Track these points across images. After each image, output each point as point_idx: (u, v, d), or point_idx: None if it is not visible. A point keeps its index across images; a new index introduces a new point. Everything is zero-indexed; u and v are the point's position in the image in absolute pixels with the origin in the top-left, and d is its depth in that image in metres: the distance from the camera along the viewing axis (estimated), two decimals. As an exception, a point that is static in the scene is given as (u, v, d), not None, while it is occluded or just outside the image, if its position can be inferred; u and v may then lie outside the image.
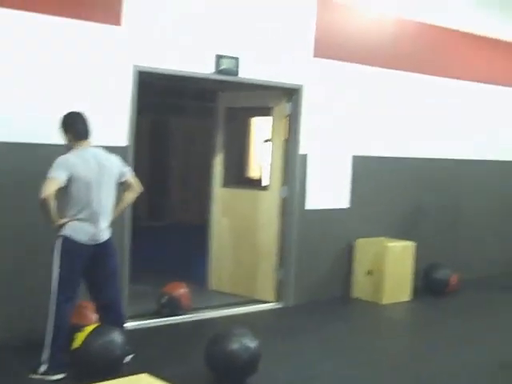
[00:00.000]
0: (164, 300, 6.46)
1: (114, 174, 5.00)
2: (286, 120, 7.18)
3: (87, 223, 4.82)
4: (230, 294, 7.41)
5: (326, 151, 7.40)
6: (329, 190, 7.47)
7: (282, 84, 6.97)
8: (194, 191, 12.25)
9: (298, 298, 7.23)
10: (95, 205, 4.83)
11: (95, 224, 4.85)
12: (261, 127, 7.93)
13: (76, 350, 4.67)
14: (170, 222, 12.77)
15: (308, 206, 7.27)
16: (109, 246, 5.04)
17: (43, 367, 4.71)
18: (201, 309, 6.76)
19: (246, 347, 4.75)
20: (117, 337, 4.76)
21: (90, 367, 4.60)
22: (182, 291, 6.54)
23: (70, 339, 4.71)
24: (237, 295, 7.34)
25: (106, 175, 4.92)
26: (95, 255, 4.93)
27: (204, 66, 6.36)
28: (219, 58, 6.41)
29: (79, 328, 4.81)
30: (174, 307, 6.45)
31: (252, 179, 8.04)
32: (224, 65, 6.45)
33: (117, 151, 5.26)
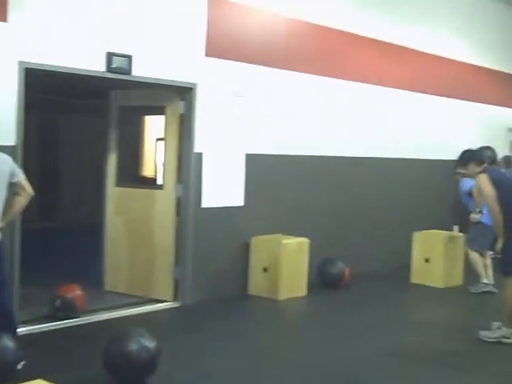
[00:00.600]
0: (57, 303, 6.29)
1: (5, 172, 4.83)
2: (180, 119, 7.16)
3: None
4: (126, 294, 7.30)
5: (221, 150, 7.42)
6: (224, 188, 7.49)
7: (174, 83, 6.93)
8: (87, 191, 12.00)
9: (196, 297, 7.22)
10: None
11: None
12: (155, 126, 7.86)
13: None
14: (62, 223, 12.46)
15: (204, 205, 7.27)
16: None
17: None
18: (97, 310, 6.64)
19: (144, 348, 4.70)
20: (8, 343, 4.63)
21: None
22: (75, 293, 6.39)
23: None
24: (133, 295, 7.25)
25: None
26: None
27: (95, 63, 6.23)
28: (111, 55, 6.31)
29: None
30: (68, 310, 6.30)
31: (147, 178, 7.96)
32: (116, 63, 6.35)
33: (4, 151, 5.08)
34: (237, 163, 7.59)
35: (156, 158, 7.96)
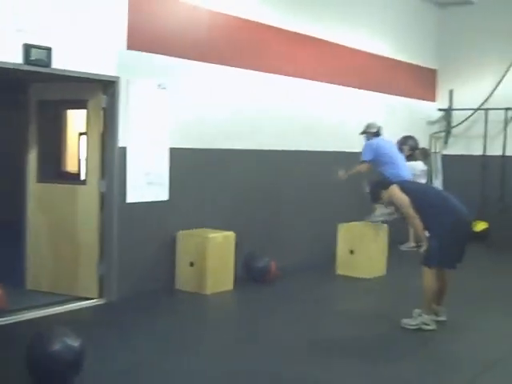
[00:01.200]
0: (-24, 303, 6.11)
1: None
2: (103, 113, 7.03)
3: None
4: (49, 292, 7.14)
5: (145, 144, 7.32)
6: (148, 182, 7.41)
7: (96, 76, 6.78)
8: (5, 187, 11.65)
9: (122, 293, 7.12)
10: None
11: None
12: (77, 120, 7.71)
13: None
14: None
15: (129, 200, 7.17)
16: None
17: None
18: (18, 310, 6.45)
19: (68, 347, 4.60)
20: None
21: None
22: (-4, 293, 6.22)
23: None
24: (57, 293, 7.09)
25: None
26: None
27: (12, 55, 6.02)
28: (29, 47, 6.12)
29: None
30: (-12, 310, 6.13)
31: (70, 173, 7.80)
32: (34, 55, 6.17)
33: None
34: (161, 157, 7.52)
35: (79, 153, 7.81)
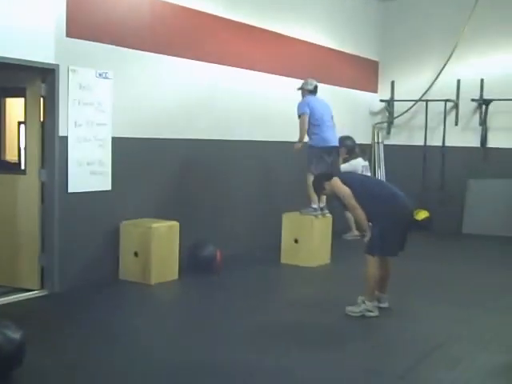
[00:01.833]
0: None
1: None
2: (42, 101, 6.90)
3: None
4: (-11, 284, 7.01)
5: (86, 133, 7.20)
6: (91, 172, 7.30)
7: (34, 63, 6.60)
8: None
9: (64, 284, 7.02)
10: None
11: None
12: (17, 108, 7.55)
13: None
14: None
15: (70, 190, 7.05)
16: None
17: None
18: (-44, 303, 6.33)
19: (8, 339, 4.52)
20: None
21: None
22: None
23: None
24: (-3, 285, 6.96)
25: None
26: None
27: None
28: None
29: None
30: None
31: (9, 163, 7.63)
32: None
33: None
34: (103, 147, 7.41)
35: (19, 142, 7.66)
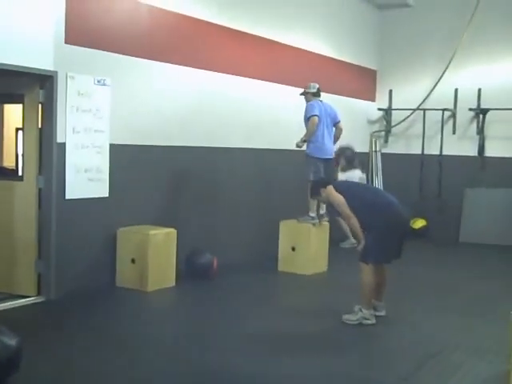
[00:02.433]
0: None
1: None
2: (40, 108, 6.90)
3: None
4: (-15, 291, 6.98)
5: (84, 140, 7.20)
6: (88, 179, 7.30)
7: (32, 70, 6.61)
8: None
9: (61, 291, 7.00)
10: None
11: None
12: (14, 115, 7.55)
13: None
14: None
15: (68, 196, 7.05)
16: None
17: None
18: (-47, 310, 6.31)
19: (4, 346, 4.51)
20: None
21: None
22: None
23: None
24: (-6, 292, 6.94)
25: None
26: None
27: None
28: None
29: None
30: None
31: (7, 169, 7.63)
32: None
33: None
34: (101, 154, 7.41)
35: (17, 149, 7.65)
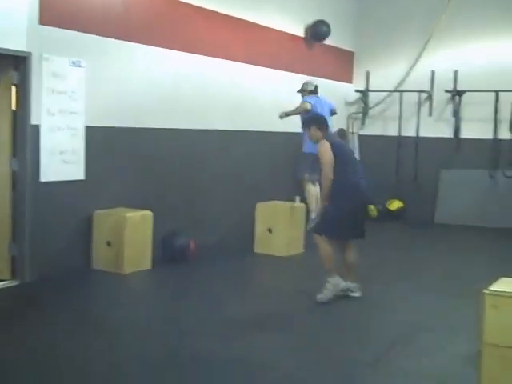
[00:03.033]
0: None
1: None
2: (14, 89, 6.85)
3: None
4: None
5: (59, 122, 7.17)
6: (64, 161, 7.26)
7: (5, 51, 6.56)
8: None
9: (36, 274, 6.98)
10: None
11: None
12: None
13: None
14: None
15: (42, 179, 7.02)
16: None
17: None
18: None
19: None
20: None
21: None
22: None
23: None
24: (-33, 275, 6.91)
25: None
26: None
27: None
28: None
29: None
30: None
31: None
32: None
33: None
34: (76, 136, 7.38)
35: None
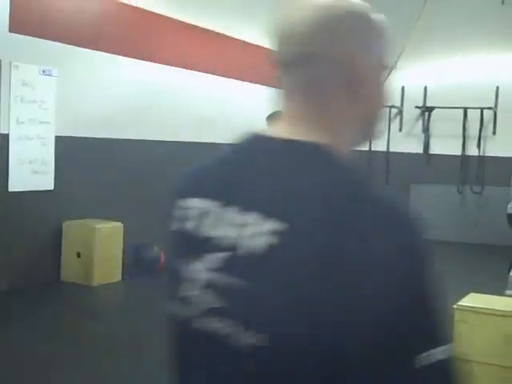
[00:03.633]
0: None
1: None
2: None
3: None
4: None
5: (28, 131, 7.09)
6: (33, 171, 7.18)
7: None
8: None
9: (3, 285, 6.84)
10: None
11: None
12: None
13: None
14: None
15: (11, 188, 6.91)
16: None
17: None
18: None
19: None
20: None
21: None
22: None
23: None
24: None
25: None
26: None
27: None
28: None
29: None
30: None
31: None
32: None
33: None
34: (46, 145, 7.30)
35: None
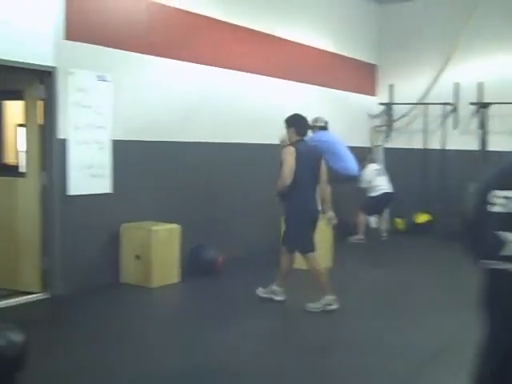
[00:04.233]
0: None
1: None
2: (41, 104, 6.84)
3: None
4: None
5: (86, 136, 7.15)
6: (91, 175, 7.24)
7: (31, 66, 6.55)
8: None
9: (66, 287, 6.95)
10: None
11: None
12: (15, 111, 7.49)
13: None
14: None
15: (71, 192, 7.00)
16: None
17: None
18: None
19: (11, 342, 4.46)
20: None
21: None
22: None
23: None
24: (-1, 288, 6.87)
25: None
26: None
27: None
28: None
29: None
30: None
31: (9, 166, 7.58)
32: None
33: None
34: (103, 149, 7.36)
35: (18, 145, 7.60)
